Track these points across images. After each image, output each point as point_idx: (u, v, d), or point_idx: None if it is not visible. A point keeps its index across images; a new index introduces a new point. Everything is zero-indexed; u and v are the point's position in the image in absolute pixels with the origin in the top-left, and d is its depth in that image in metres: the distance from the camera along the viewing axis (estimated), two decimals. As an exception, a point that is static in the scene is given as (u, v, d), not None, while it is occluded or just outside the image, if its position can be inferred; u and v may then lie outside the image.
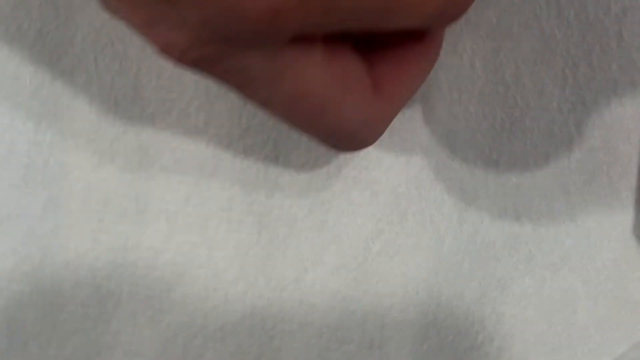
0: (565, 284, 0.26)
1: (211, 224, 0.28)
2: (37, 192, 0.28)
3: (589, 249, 0.25)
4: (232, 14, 0.15)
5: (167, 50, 0.16)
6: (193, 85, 0.27)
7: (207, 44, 0.15)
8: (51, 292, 0.28)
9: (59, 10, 0.27)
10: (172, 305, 0.28)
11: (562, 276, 0.26)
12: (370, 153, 0.27)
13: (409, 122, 0.26)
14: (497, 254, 0.26)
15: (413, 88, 0.20)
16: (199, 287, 0.28)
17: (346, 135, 0.19)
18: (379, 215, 0.27)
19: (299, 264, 0.27)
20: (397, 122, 0.26)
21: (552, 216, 0.25)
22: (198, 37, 0.15)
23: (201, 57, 0.16)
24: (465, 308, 0.27)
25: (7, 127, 0.27)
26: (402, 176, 0.26)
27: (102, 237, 0.28)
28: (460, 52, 0.24)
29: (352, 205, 0.27)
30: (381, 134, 0.20)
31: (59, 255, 0.28)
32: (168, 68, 0.27)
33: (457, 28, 0.24)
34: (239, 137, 0.27)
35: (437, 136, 0.26)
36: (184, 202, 0.28)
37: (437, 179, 0.26)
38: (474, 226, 0.26)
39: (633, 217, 0.25)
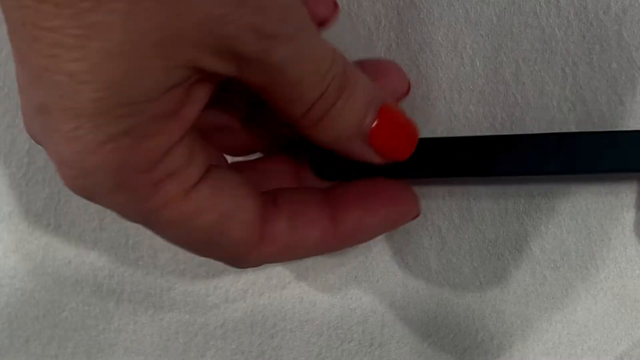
0: (565, 282, 0.26)
1: (212, 222, 0.28)
2: (38, 190, 0.28)
3: (589, 247, 0.25)
4: (61, 178, 0.18)
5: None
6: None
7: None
8: (53, 290, 0.29)
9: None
10: (173, 303, 0.28)
11: (562, 274, 0.26)
12: (370, 152, 0.27)
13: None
14: (498, 252, 0.26)
15: (307, 244, 0.21)
16: (199, 286, 0.28)
17: (221, 260, 0.21)
18: (380, 213, 0.27)
19: (299, 262, 0.28)
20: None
21: (553, 215, 0.25)
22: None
23: (81, 191, 0.17)
24: (466, 306, 0.27)
25: (8, 125, 0.28)
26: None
27: (103, 236, 0.28)
28: (461, 51, 0.25)
29: (353, 204, 0.27)
30: (261, 264, 0.21)
31: (60, 253, 0.28)
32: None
33: (458, 27, 0.24)
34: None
35: (438, 135, 0.26)
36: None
37: (439, 178, 0.26)
38: (475, 225, 0.26)
39: (633, 216, 0.25)
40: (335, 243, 0.22)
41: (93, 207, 0.28)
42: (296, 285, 0.28)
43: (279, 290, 0.28)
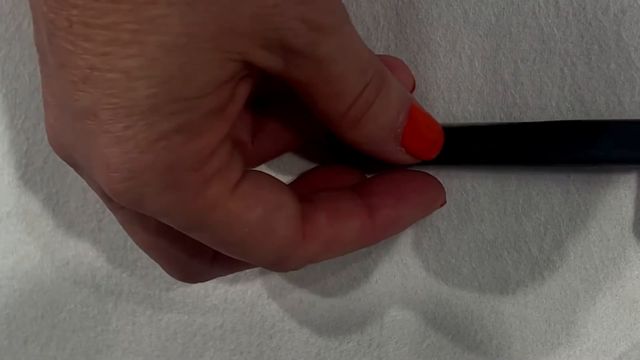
0: (564, 283, 0.26)
1: (211, 223, 0.28)
2: (36, 190, 0.28)
3: (588, 247, 0.25)
4: (97, 186, 0.18)
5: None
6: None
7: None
8: (51, 291, 0.29)
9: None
10: (172, 304, 0.28)
11: (561, 275, 0.26)
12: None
13: (408, 121, 0.26)
14: (497, 253, 0.26)
15: (348, 238, 0.21)
16: (198, 286, 0.28)
17: (266, 263, 0.20)
18: (378, 214, 0.27)
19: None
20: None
21: (552, 215, 0.25)
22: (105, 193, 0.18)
23: (127, 194, 0.17)
24: (464, 307, 0.27)
25: (7, 126, 0.27)
26: (401, 175, 0.26)
27: (102, 236, 0.28)
28: (459, 51, 0.25)
29: (352, 204, 0.27)
30: (304, 264, 0.21)
31: (59, 254, 0.28)
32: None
33: (456, 27, 0.24)
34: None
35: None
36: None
37: (437, 178, 0.26)
38: (474, 226, 0.26)
39: (632, 217, 0.25)
40: (374, 234, 0.22)
41: (91, 208, 0.28)
42: (295, 286, 0.28)
43: (278, 291, 0.28)
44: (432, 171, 0.25)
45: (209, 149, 0.17)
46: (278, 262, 0.20)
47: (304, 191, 0.22)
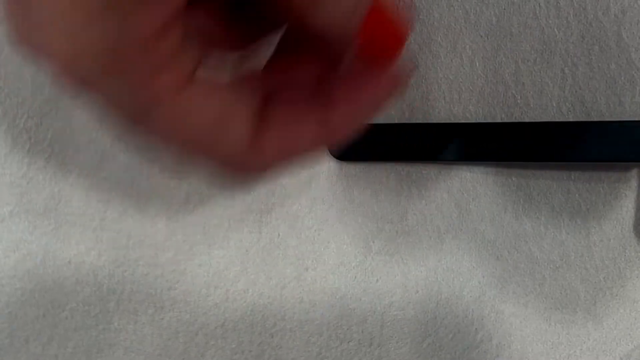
0: (564, 283, 0.26)
1: (212, 223, 0.28)
2: (38, 190, 0.28)
3: (588, 247, 0.25)
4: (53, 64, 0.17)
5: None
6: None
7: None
8: (53, 290, 0.29)
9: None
10: (173, 303, 0.28)
11: (561, 275, 0.26)
12: (370, 152, 0.27)
13: (409, 120, 0.26)
14: (497, 252, 0.26)
15: (298, 148, 0.20)
16: (199, 285, 0.28)
17: (221, 164, 0.19)
18: (380, 213, 0.27)
19: (299, 262, 0.28)
20: (398, 120, 0.26)
21: (552, 215, 0.25)
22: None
23: (74, 72, 0.16)
24: (465, 306, 0.27)
25: (9, 125, 0.28)
26: (403, 175, 0.26)
27: (104, 236, 0.28)
28: (460, 51, 0.25)
29: (353, 204, 0.27)
30: (262, 168, 0.20)
31: (61, 253, 0.28)
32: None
33: (457, 28, 0.24)
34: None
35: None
36: (185, 200, 0.28)
37: (437, 178, 0.26)
38: (474, 225, 0.26)
39: (632, 217, 0.25)
40: (333, 130, 0.20)
41: (93, 207, 0.28)
42: (296, 285, 0.28)
43: (279, 290, 0.28)
44: (434, 169, 0.25)
45: (157, 23, 0.16)
46: (234, 163, 0.19)
47: (261, 85, 0.20)
